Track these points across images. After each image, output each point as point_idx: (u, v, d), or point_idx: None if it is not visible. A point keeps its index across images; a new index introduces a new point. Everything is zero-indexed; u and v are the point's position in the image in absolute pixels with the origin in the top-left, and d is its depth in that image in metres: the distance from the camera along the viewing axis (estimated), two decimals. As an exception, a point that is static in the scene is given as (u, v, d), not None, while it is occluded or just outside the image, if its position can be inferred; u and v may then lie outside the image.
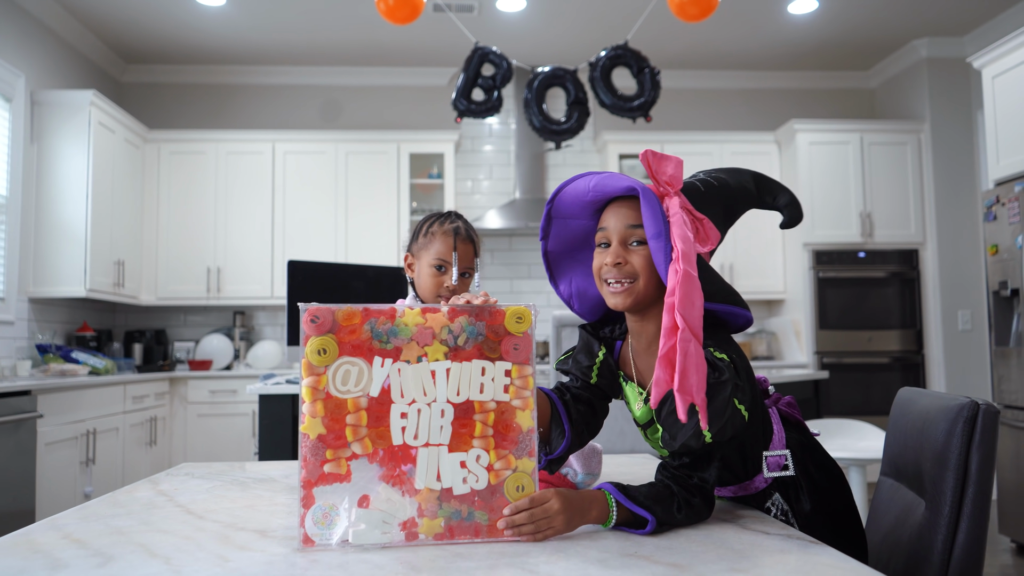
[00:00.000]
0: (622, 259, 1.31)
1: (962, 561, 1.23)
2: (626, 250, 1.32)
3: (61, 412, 3.97)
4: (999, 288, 4.06)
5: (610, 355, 1.44)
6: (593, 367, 1.42)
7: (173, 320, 6.03)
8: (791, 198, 1.45)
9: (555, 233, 1.43)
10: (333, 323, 1.12)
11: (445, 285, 1.73)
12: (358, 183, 5.83)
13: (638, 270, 1.31)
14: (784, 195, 1.45)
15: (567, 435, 1.35)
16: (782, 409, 1.42)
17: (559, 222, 1.42)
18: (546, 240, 1.44)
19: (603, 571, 0.95)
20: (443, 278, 1.73)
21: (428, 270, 1.75)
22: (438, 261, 1.74)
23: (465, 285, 1.76)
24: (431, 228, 1.77)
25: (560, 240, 1.44)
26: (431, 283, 1.74)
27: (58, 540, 1.12)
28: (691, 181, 1.37)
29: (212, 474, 1.71)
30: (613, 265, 1.31)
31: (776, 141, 6.06)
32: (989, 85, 4.26)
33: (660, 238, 1.24)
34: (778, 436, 1.36)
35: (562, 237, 1.43)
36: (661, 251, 1.24)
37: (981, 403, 1.25)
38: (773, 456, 1.34)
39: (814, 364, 5.64)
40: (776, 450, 1.35)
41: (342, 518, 1.09)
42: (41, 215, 4.84)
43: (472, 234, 1.78)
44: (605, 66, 4.14)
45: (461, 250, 1.74)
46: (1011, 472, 3.95)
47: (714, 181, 1.38)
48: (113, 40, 5.64)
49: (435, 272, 1.74)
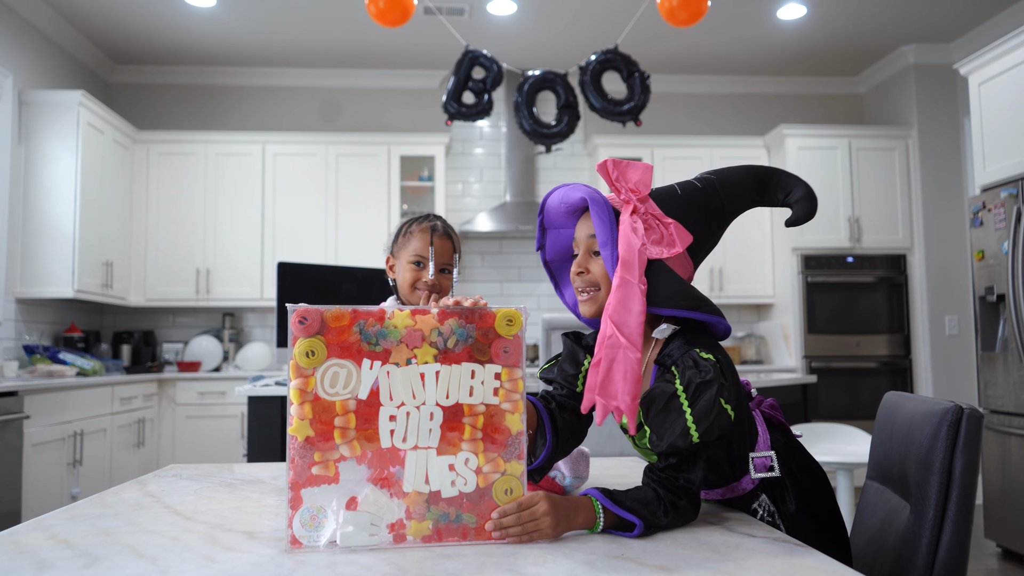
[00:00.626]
0: (583, 268, 1.36)
1: (946, 564, 1.24)
2: (589, 258, 1.36)
3: (48, 413, 3.95)
4: (985, 293, 4.09)
5: None
6: (579, 375, 1.43)
7: (162, 321, 6.00)
8: (805, 192, 1.43)
9: (549, 243, 1.48)
10: (322, 324, 1.12)
11: (423, 280, 1.75)
12: (348, 185, 5.82)
13: (599, 279, 1.35)
14: (799, 189, 1.43)
15: (548, 444, 1.36)
16: (765, 411, 1.43)
17: (552, 232, 1.47)
18: (543, 250, 1.49)
19: (590, 573, 0.96)
20: (421, 273, 1.76)
21: (406, 267, 1.77)
22: (416, 257, 1.77)
23: (445, 281, 1.78)
24: (409, 228, 1.81)
25: (555, 250, 1.48)
26: (408, 277, 1.77)
27: (44, 540, 1.12)
28: (672, 184, 1.39)
29: (200, 475, 1.71)
30: (576, 275, 1.37)
31: (765, 146, 6.09)
32: (976, 91, 4.30)
33: (607, 246, 1.28)
34: (763, 437, 1.37)
35: (556, 247, 1.48)
36: (609, 259, 1.28)
37: (965, 408, 1.26)
38: (759, 457, 1.35)
39: (803, 368, 5.67)
40: (762, 451, 1.36)
41: (330, 520, 1.09)
42: (29, 215, 4.81)
43: (450, 231, 1.81)
44: (595, 70, 4.16)
45: (438, 245, 1.77)
46: (997, 477, 3.97)
47: (698, 183, 1.39)
48: (102, 40, 5.62)
49: (413, 268, 1.77)
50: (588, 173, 6.33)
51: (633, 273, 1.23)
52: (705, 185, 1.39)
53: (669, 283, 1.28)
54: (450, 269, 1.78)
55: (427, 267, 1.76)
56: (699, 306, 1.28)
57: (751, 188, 1.43)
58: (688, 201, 1.36)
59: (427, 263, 1.76)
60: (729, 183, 1.41)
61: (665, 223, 1.32)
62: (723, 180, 1.40)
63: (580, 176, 6.33)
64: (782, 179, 1.44)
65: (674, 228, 1.32)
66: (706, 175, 1.41)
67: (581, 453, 1.53)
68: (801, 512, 1.36)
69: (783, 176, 1.45)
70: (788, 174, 1.45)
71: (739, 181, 1.42)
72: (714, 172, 1.43)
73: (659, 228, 1.31)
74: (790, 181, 1.44)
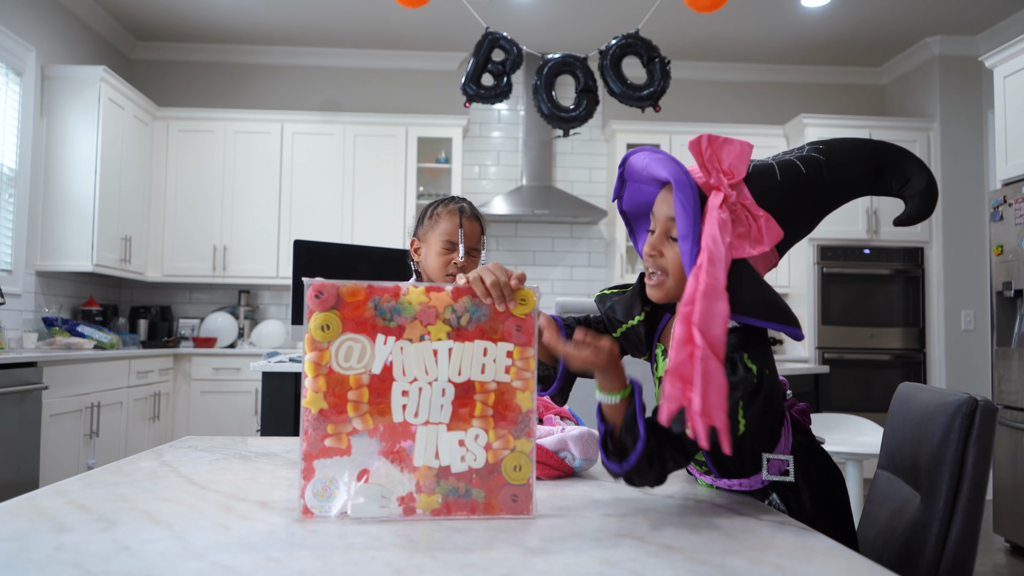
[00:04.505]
0: (656, 251, 1.28)
1: (955, 555, 1.24)
2: (665, 242, 1.27)
3: (66, 384, 4.00)
4: (1003, 288, 4.06)
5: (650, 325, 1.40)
6: (623, 325, 1.41)
7: (179, 297, 6.05)
8: (927, 184, 1.25)
9: (628, 196, 1.37)
10: (337, 299, 1.13)
11: (454, 263, 1.75)
12: (365, 166, 5.83)
13: (669, 267, 1.27)
14: (919, 179, 1.25)
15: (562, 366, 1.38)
16: (793, 415, 1.39)
17: (631, 186, 1.35)
18: (620, 200, 1.39)
19: (597, 549, 0.97)
20: (451, 256, 1.75)
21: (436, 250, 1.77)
22: (446, 240, 1.76)
23: (473, 264, 1.78)
24: (436, 210, 1.80)
25: (633, 203, 1.38)
26: (439, 262, 1.77)
27: (63, 505, 1.14)
28: (772, 162, 1.26)
29: (215, 447, 1.73)
30: (648, 255, 1.29)
31: (785, 135, 6.05)
32: (1000, 85, 4.25)
33: (688, 239, 1.17)
34: (785, 441, 1.33)
35: (635, 200, 1.38)
36: (687, 253, 1.17)
37: (980, 400, 1.26)
38: (775, 459, 1.30)
39: (816, 359, 5.65)
40: (780, 454, 1.31)
41: (341, 491, 1.10)
42: (49, 189, 4.86)
43: (477, 214, 1.81)
44: (615, 54, 4.14)
45: (467, 228, 1.76)
46: (1008, 473, 3.96)
47: (803, 165, 1.25)
48: (124, 16, 5.64)
49: (443, 251, 1.76)
50: (605, 159, 6.31)
51: (719, 274, 1.12)
52: (810, 168, 1.24)
53: (752, 286, 1.18)
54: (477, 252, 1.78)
55: (457, 250, 1.76)
56: (779, 316, 1.19)
57: (864, 173, 1.26)
58: (787, 189, 1.23)
59: (457, 247, 1.76)
60: (839, 166, 1.25)
61: (756, 215, 1.20)
62: (832, 162, 1.25)
63: (596, 161, 6.31)
64: (902, 162, 1.27)
65: (764, 222, 1.20)
66: (814, 153, 1.26)
67: (591, 434, 1.54)
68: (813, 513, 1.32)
69: (904, 159, 1.27)
70: (910, 156, 1.27)
71: (851, 164, 1.26)
72: (824, 148, 1.27)
73: (748, 221, 1.20)
74: (911, 167, 1.26)
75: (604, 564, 0.91)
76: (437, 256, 1.77)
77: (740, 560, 0.93)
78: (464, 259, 1.75)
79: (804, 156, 1.26)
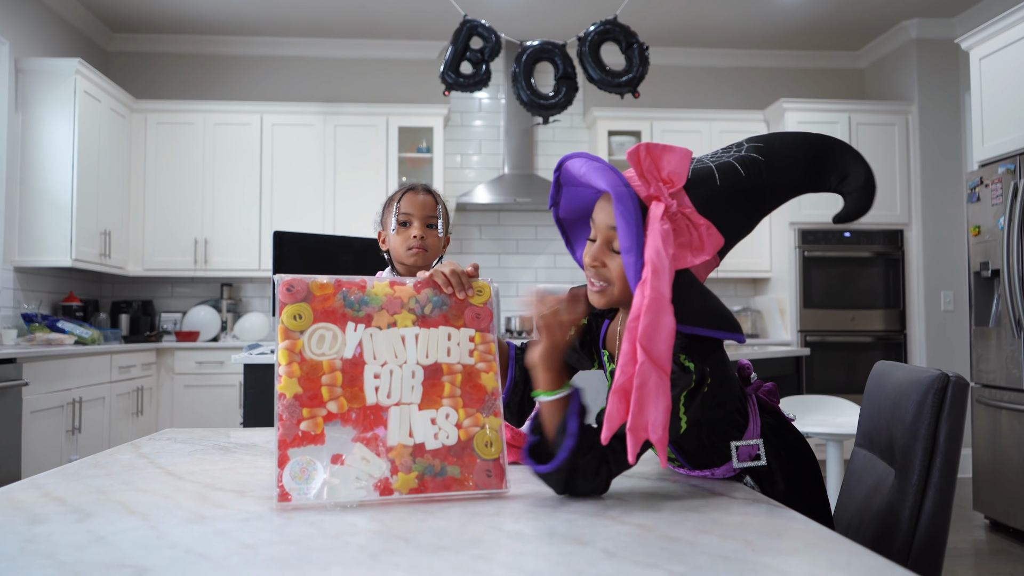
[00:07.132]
0: (599, 261, 1.26)
1: (929, 528, 1.26)
2: (607, 252, 1.25)
3: (47, 381, 3.98)
4: (980, 269, 4.10)
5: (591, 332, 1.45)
6: None
7: (160, 291, 6.02)
8: (864, 180, 1.25)
9: (565, 201, 1.36)
10: (307, 293, 1.18)
11: (412, 235, 1.81)
12: (346, 156, 5.81)
13: (614, 277, 1.25)
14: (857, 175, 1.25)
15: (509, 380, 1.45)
16: (760, 396, 1.39)
17: (568, 190, 1.34)
18: (556, 207, 1.38)
19: (570, 529, 0.98)
20: (409, 231, 1.81)
21: (395, 228, 1.82)
22: (401, 216, 1.82)
23: (432, 236, 1.83)
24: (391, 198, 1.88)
25: (570, 208, 1.38)
26: (399, 240, 1.84)
27: (38, 498, 1.14)
28: (712, 165, 1.24)
29: (194, 439, 1.73)
30: (590, 266, 1.27)
31: (765, 120, 6.07)
32: (976, 67, 4.28)
33: (632, 252, 1.14)
34: (753, 425, 1.33)
35: (572, 205, 1.37)
36: (632, 267, 1.14)
37: (952, 376, 1.28)
38: (744, 446, 1.30)
39: (798, 342, 5.69)
40: (749, 440, 1.31)
41: (319, 472, 1.11)
42: (26, 184, 4.80)
43: (430, 189, 1.89)
44: (594, 41, 4.13)
45: (420, 200, 1.84)
46: (986, 450, 4.01)
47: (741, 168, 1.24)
48: (99, 8, 5.57)
49: (401, 228, 1.83)
50: (587, 146, 6.30)
51: (664, 287, 1.09)
52: (749, 171, 1.24)
53: (694, 296, 1.18)
54: (435, 223, 1.83)
55: (412, 224, 1.81)
56: (721, 323, 1.18)
57: (802, 172, 1.27)
58: (726, 194, 1.22)
59: (412, 220, 1.82)
60: (778, 166, 1.25)
61: (696, 224, 1.19)
62: (771, 163, 1.25)
63: (578, 149, 6.30)
64: (841, 158, 1.26)
65: (705, 230, 1.19)
66: (753, 153, 1.25)
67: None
68: (789, 494, 1.33)
69: (842, 154, 1.27)
70: (847, 150, 1.28)
71: (790, 163, 1.26)
72: (763, 147, 1.27)
73: (689, 230, 1.19)
74: (849, 162, 1.26)
75: (576, 544, 0.92)
76: (396, 236, 1.84)
77: (711, 537, 0.94)
78: (421, 230, 1.81)
79: (743, 157, 1.25)
